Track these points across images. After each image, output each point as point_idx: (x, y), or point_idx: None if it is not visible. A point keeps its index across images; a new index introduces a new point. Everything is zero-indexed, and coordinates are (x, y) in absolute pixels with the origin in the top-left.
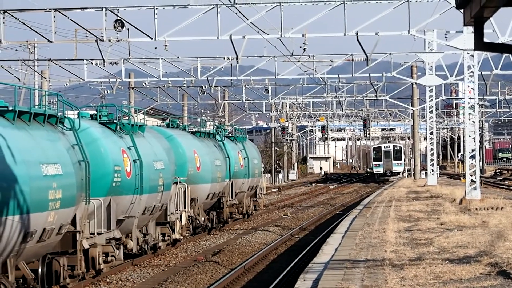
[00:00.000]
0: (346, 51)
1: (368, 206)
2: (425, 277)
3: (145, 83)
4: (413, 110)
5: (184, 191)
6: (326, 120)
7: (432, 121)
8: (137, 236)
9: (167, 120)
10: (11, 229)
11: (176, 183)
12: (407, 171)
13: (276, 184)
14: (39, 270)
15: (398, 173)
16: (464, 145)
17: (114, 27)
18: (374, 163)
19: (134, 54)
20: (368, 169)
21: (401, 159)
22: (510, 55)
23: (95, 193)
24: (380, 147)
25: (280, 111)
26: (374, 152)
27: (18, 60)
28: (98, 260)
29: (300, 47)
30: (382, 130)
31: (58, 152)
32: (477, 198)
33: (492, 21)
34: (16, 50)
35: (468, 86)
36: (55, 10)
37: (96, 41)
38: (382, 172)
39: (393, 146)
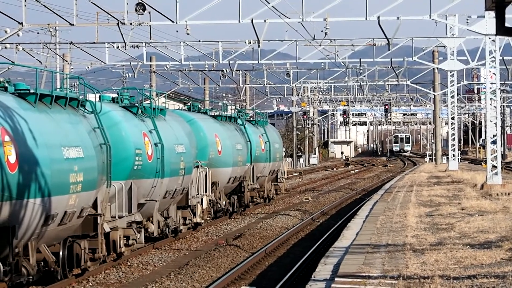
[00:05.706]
0: (367, 35)
1: (389, 191)
2: (446, 262)
3: (167, 67)
4: (434, 95)
5: (205, 175)
6: (348, 105)
7: (454, 106)
8: (158, 219)
9: (189, 104)
10: (33, 212)
11: (197, 166)
12: (428, 156)
13: (297, 168)
14: (60, 253)
15: (408, 151)
16: (485, 130)
17: (136, 10)
18: (394, 144)
19: (155, 37)
20: (388, 150)
21: (409, 143)
22: None
23: (116, 176)
24: (398, 135)
25: (301, 96)
26: (394, 138)
27: (40, 43)
28: (119, 244)
29: (322, 31)
30: (404, 114)
31: (80, 135)
32: (498, 183)
33: None
34: (38, 33)
35: (490, 71)
36: None
37: (118, 24)
38: (398, 150)
39: (405, 135)
